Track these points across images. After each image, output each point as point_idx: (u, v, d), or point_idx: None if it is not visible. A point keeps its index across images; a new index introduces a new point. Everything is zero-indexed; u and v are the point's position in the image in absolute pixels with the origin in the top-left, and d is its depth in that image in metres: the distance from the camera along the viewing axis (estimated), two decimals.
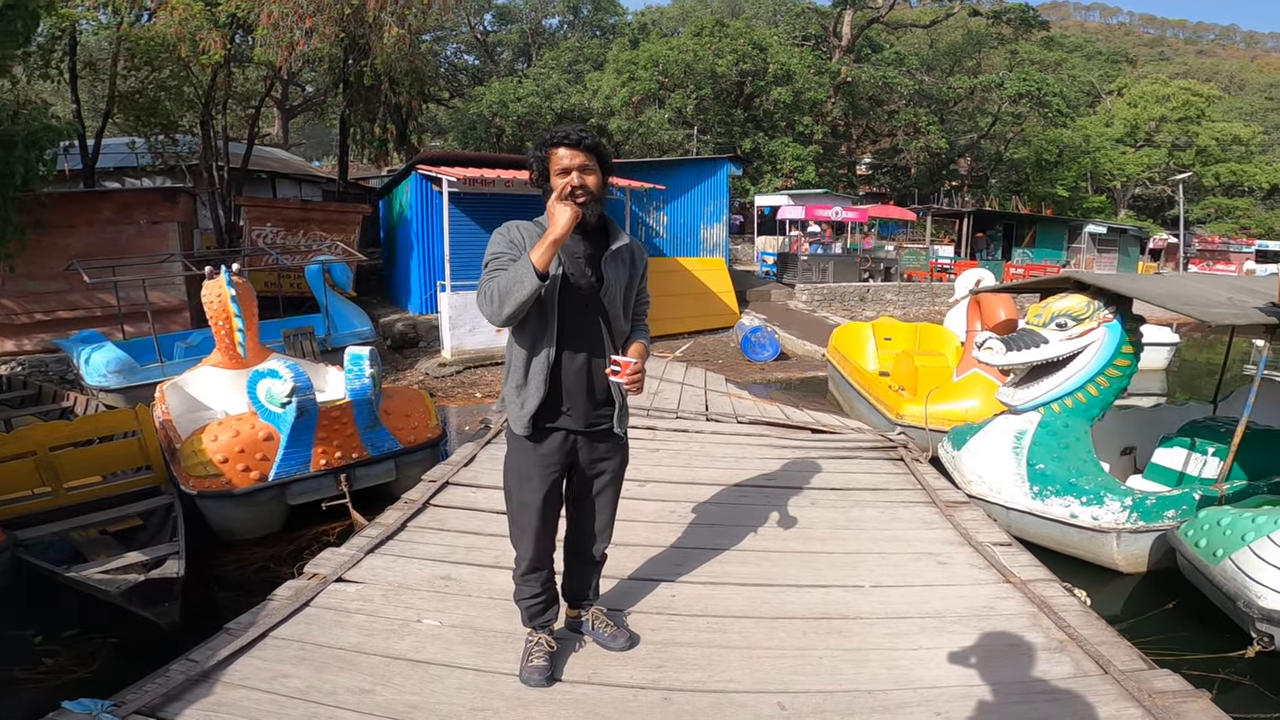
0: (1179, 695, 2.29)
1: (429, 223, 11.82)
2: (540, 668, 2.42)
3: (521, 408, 2.30)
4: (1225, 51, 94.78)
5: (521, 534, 2.43)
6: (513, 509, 2.45)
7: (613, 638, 2.64)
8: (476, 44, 35.95)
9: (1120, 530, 4.15)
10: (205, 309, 5.62)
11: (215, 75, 12.01)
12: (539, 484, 2.36)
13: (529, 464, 2.36)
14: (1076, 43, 49.52)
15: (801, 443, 5.53)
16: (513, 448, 2.42)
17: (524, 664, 2.45)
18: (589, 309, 2.31)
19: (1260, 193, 37.66)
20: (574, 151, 2.20)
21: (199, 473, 4.44)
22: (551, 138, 2.23)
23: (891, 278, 18.78)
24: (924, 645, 2.65)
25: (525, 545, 2.43)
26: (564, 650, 2.58)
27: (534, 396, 2.27)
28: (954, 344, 7.94)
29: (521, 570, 2.47)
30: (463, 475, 4.43)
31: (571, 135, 2.21)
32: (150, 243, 10.13)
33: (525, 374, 2.29)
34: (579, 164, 2.20)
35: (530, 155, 2.30)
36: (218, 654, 2.49)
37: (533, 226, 2.29)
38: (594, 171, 2.23)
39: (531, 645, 2.47)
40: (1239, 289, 4.77)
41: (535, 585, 2.48)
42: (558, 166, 2.20)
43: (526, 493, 2.37)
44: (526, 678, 2.41)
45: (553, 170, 2.22)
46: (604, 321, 2.34)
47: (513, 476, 2.43)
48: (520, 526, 2.43)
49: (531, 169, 2.30)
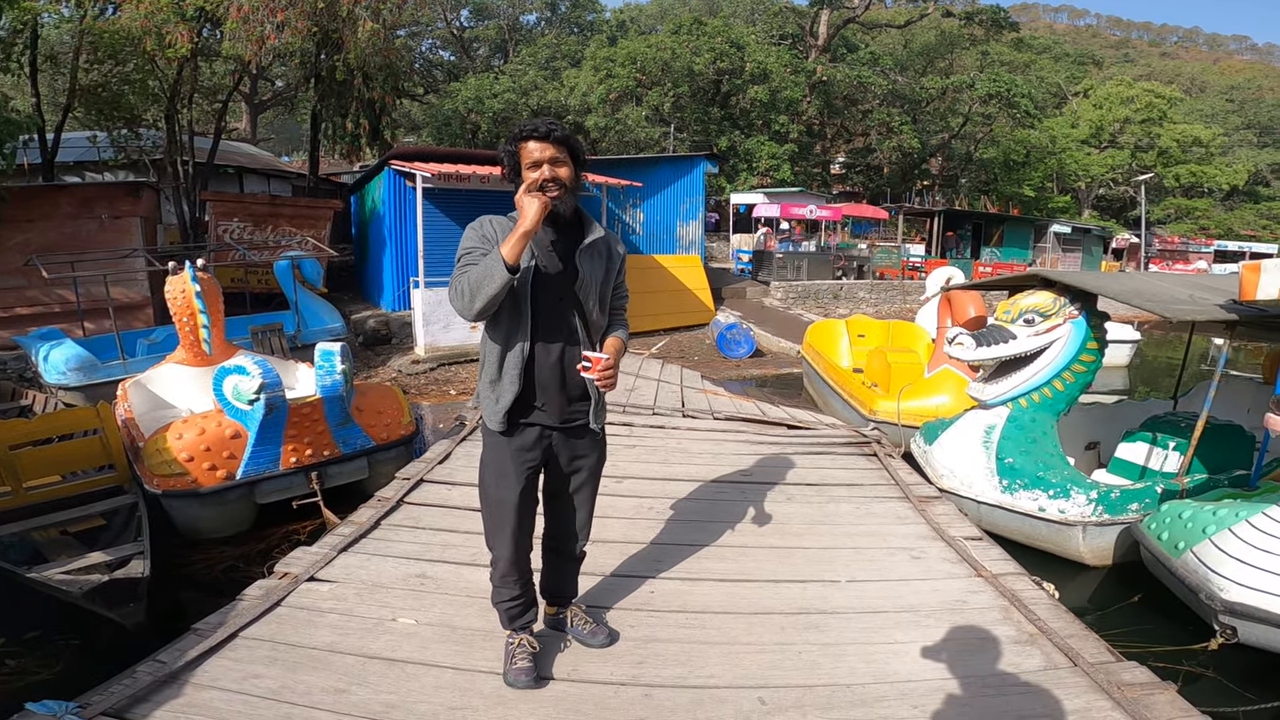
0: (1146, 687, 2.34)
1: (402, 219, 11.68)
2: (525, 669, 2.38)
3: (496, 402, 2.27)
4: (1188, 53, 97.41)
5: (498, 532, 2.39)
6: (489, 507, 2.41)
7: (592, 635, 2.62)
8: (453, 40, 35.55)
9: (1086, 523, 4.25)
10: (169, 305, 5.49)
11: (181, 69, 11.74)
12: (515, 480, 2.32)
13: (505, 460, 2.33)
14: (1045, 44, 50.53)
15: (777, 439, 5.57)
16: (488, 444, 2.38)
17: (508, 667, 2.40)
18: (564, 302, 2.27)
19: (1219, 194, 38.82)
20: (544, 144, 2.17)
21: (163, 471, 4.33)
22: (521, 131, 2.19)
23: (864, 276, 19.02)
24: (899, 639, 2.68)
25: (503, 545, 2.39)
26: (543, 648, 2.56)
27: (509, 391, 2.25)
28: (926, 340, 8.06)
29: (500, 571, 2.42)
30: (438, 472, 4.38)
31: (541, 127, 2.17)
32: (112, 238, 9.87)
33: (499, 369, 2.27)
34: (549, 156, 2.17)
35: (501, 149, 2.27)
36: (186, 655, 2.43)
37: (506, 221, 2.26)
38: (565, 164, 2.21)
39: (513, 647, 2.42)
40: (1200, 286, 4.90)
41: (514, 587, 2.43)
42: (528, 160, 2.18)
43: (503, 489, 2.33)
44: (513, 680, 2.36)
45: (524, 164, 2.19)
46: (579, 315, 2.31)
47: (489, 473, 2.39)
48: (497, 525, 2.38)
49: (503, 164, 2.26)
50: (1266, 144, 45.47)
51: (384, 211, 11.96)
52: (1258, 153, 43.48)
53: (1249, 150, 43.39)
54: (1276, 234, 37.39)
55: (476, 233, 2.26)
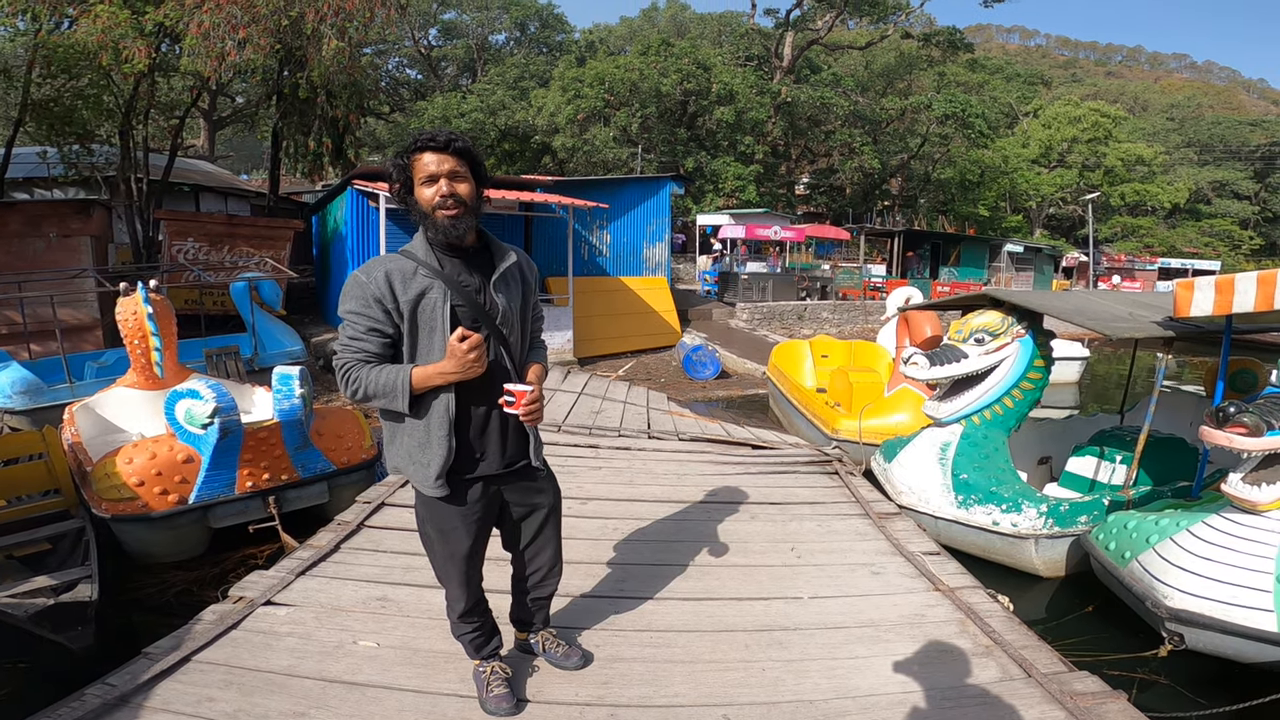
0: (1098, 696, 2.42)
1: (365, 240, 11.55)
2: (503, 695, 2.30)
3: (427, 468, 2.02)
4: (1131, 73, 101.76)
5: (449, 580, 2.25)
6: (438, 560, 2.25)
7: (565, 657, 2.58)
8: (420, 59, 35.53)
9: (1038, 536, 4.37)
10: (120, 327, 5.36)
11: (138, 84, 11.50)
12: (464, 535, 2.14)
13: (449, 518, 2.12)
14: (998, 64, 52.28)
15: (742, 459, 5.63)
16: (426, 501, 2.14)
17: (485, 695, 2.32)
18: (490, 343, 2.03)
19: (1162, 212, 40.39)
20: (442, 156, 1.90)
21: (112, 496, 4.22)
22: (416, 141, 1.93)
23: (827, 296, 19.37)
24: (860, 654, 2.73)
25: (456, 589, 2.25)
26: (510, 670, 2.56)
27: (439, 455, 2.00)
28: (886, 360, 8.24)
29: (457, 611, 2.29)
30: (399, 496, 4.34)
31: (439, 137, 1.91)
32: (60, 257, 9.58)
33: (426, 432, 2.01)
34: (448, 170, 1.91)
35: (390, 163, 1.98)
36: (137, 678, 2.39)
37: (403, 264, 1.96)
38: (466, 179, 1.95)
39: (486, 675, 2.35)
40: (1139, 304, 5.12)
41: (474, 620, 2.34)
42: (423, 174, 1.91)
43: (452, 545, 2.15)
44: (494, 709, 2.28)
45: (417, 178, 1.93)
46: (505, 350, 2.08)
47: (431, 529, 2.18)
48: (448, 575, 2.24)
49: (392, 178, 1.97)
50: (1206, 161, 47.44)
51: (346, 232, 11.82)
52: (1198, 170, 45.31)
53: (1190, 168, 45.18)
54: (1218, 251, 39.07)
55: (362, 291, 1.93)
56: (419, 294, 1.95)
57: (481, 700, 2.34)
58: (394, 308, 1.94)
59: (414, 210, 1.98)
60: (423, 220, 1.98)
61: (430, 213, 1.94)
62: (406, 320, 1.96)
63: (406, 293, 1.94)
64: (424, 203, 1.94)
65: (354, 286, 1.96)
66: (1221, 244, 40.83)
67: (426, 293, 1.95)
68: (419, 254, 1.99)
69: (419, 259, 1.98)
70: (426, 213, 1.95)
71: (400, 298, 1.94)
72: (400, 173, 1.95)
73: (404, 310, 1.95)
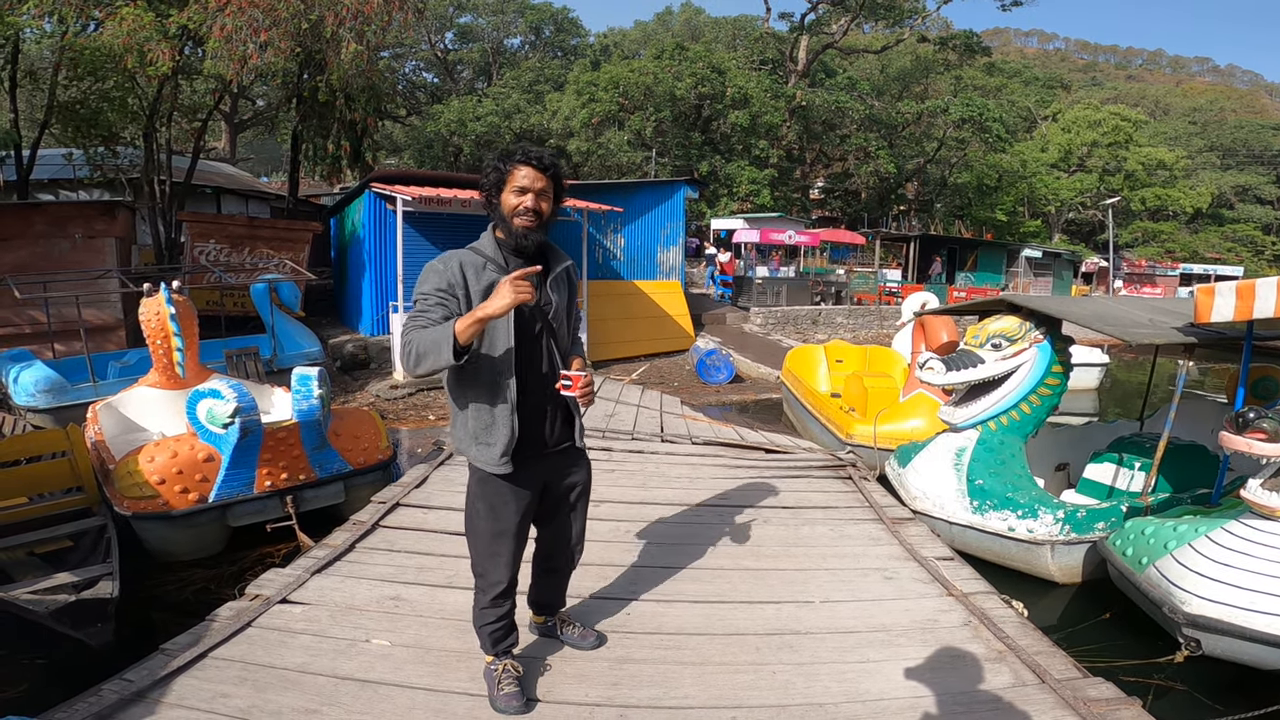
0: (1112, 703, 2.39)
1: (382, 242, 11.65)
2: (514, 694, 2.36)
3: (491, 448, 2.22)
4: (1152, 76, 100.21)
5: (494, 559, 2.35)
6: (481, 539, 2.36)
7: (582, 638, 2.70)
8: (436, 62, 35.83)
9: (1054, 542, 4.33)
10: (143, 327, 5.46)
11: (162, 87, 11.68)
12: (514, 511, 2.31)
13: (502, 495, 2.29)
14: (1016, 68, 51.82)
15: (755, 463, 5.62)
16: (481, 478, 2.32)
17: (495, 693, 2.36)
18: (540, 333, 2.27)
19: (1184, 216, 39.79)
20: (538, 174, 2.16)
21: (134, 494, 4.29)
22: (519, 153, 2.17)
23: (842, 301, 19.27)
24: (872, 658, 2.72)
25: (499, 570, 2.35)
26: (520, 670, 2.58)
27: (503, 435, 2.20)
28: (902, 365, 8.19)
29: (492, 595, 2.37)
30: (414, 497, 4.38)
31: (544, 158, 2.17)
32: (85, 258, 9.73)
33: (491, 413, 2.22)
34: (539, 187, 2.16)
35: (489, 165, 2.22)
36: (154, 674, 2.43)
37: (474, 258, 2.20)
38: (549, 198, 2.20)
39: (498, 673, 2.39)
40: (1159, 310, 5.06)
41: (503, 607, 2.41)
42: (517, 184, 2.15)
43: (502, 521, 2.31)
44: (503, 706, 2.33)
45: (510, 186, 2.16)
46: (554, 342, 2.32)
47: (483, 506, 2.33)
48: (494, 553, 2.35)
49: (485, 179, 2.21)
50: (1229, 166, 46.73)
51: (364, 235, 11.93)
52: (1220, 175, 44.64)
53: (1212, 173, 44.53)
54: (1241, 256, 38.42)
55: (440, 276, 2.16)
56: (488, 286, 2.14)
57: (491, 698, 2.37)
58: (464, 295, 2.14)
59: (494, 210, 2.21)
60: (501, 222, 2.22)
61: (510, 217, 2.18)
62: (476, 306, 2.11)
63: (478, 283, 2.15)
64: (507, 208, 2.17)
65: (431, 273, 2.17)
66: (1244, 249, 40.13)
67: (494, 285, 2.11)
68: (487, 251, 2.22)
69: (488, 255, 2.21)
70: (506, 216, 2.18)
71: (472, 287, 2.15)
72: (496, 175, 2.18)
73: (473, 298, 2.14)
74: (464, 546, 3.64)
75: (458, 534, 3.82)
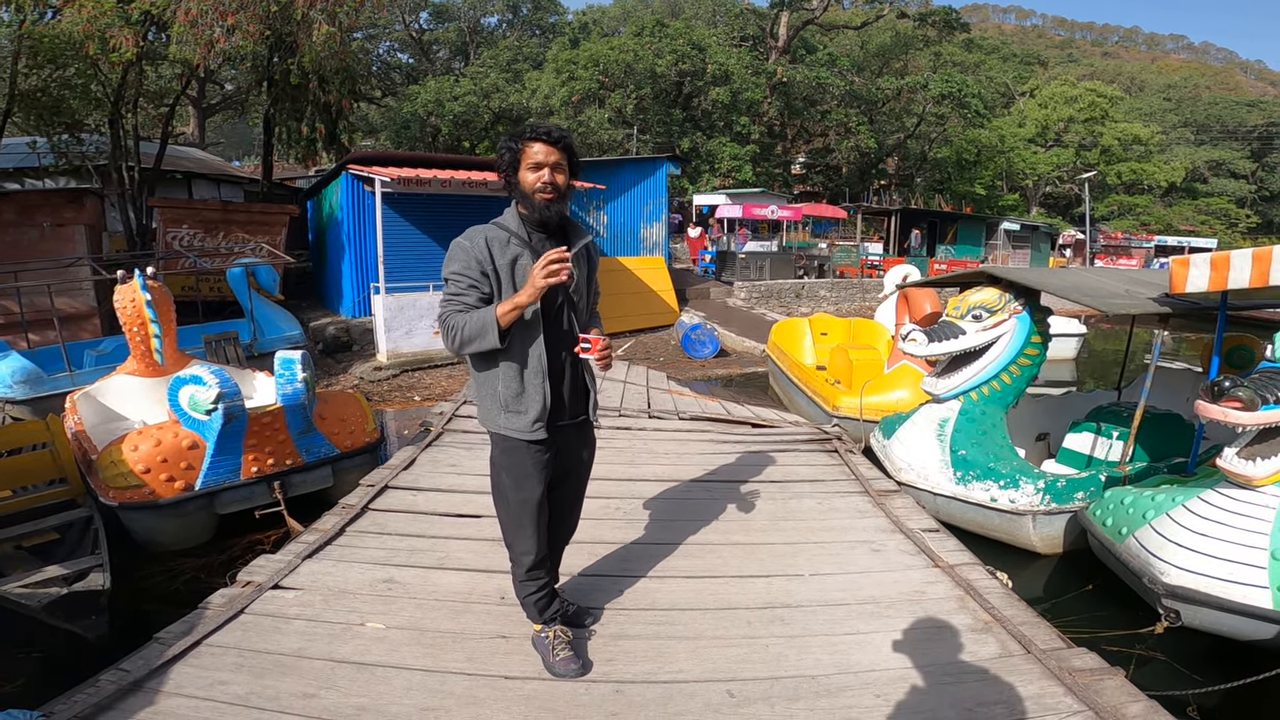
0: (1096, 673, 2.45)
1: (361, 224, 11.50)
2: (570, 658, 2.44)
3: (523, 415, 2.30)
4: (1128, 53, 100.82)
5: (521, 530, 2.42)
6: (510, 510, 2.43)
7: (578, 615, 2.75)
8: (412, 42, 35.08)
9: (1035, 512, 4.41)
10: (118, 315, 5.36)
11: (126, 73, 11.36)
12: (538, 481, 2.37)
13: (527, 464, 2.36)
14: (994, 44, 51.87)
15: (742, 437, 5.66)
16: (506, 449, 2.39)
17: (551, 660, 2.45)
18: (562, 306, 2.35)
19: (1158, 190, 40.35)
20: (550, 148, 2.22)
21: (119, 484, 4.24)
22: (530, 131, 2.24)
23: (825, 275, 19.35)
24: (861, 630, 2.77)
25: (527, 541, 2.42)
26: (512, 648, 2.59)
27: (536, 402, 2.28)
28: (885, 337, 8.26)
29: (526, 566, 2.45)
30: (403, 479, 4.36)
31: (553, 132, 2.24)
32: (55, 246, 9.55)
33: (520, 382, 2.29)
34: (553, 161, 2.22)
35: (503, 145, 2.28)
36: (150, 663, 2.42)
37: (498, 234, 2.26)
38: (564, 170, 2.27)
39: (549, 639, 2.48)
40: (1135, 281, 5.13)
41: (541, 578, 2.49)
42: (531, 160, 2.21)
43: (526, 491, 2.38)
44: (561, 671, 2.42)
45: (524, 163, 2.23)
46: (574, 314, 2.39)
47: (508, 478, 2.40)
48: (520, 524, 2.42)
49: (501, 158, 2.27)
50: (1203, 141, 47.42)
51: (342, 217, 11.76)
52: (1194, 150, 45.32)
53: (1186, 148, 45.19)
54: (1214, 229, 39.03)
55: (467, 255, 2.23)
56: (513, 259, 2.24)
57: (549, 664, 2.45)
58: (491, 270, 2.22)
59: (514, 189, 2.27)
60: (522, 199, 2.28)
61: (531, 194, 2.24)
62: (502, 281, 2.23)
63: (503, 257, 2.23)
64: (526, 185, 2.23)
65: (458, 250, 2.24)
66: (1218, 222, 40.81)
67: (519, 259, 2.24)
68: (511, 226, 2.29)
69: (511, 230, 2.27)
70: (527, 193, 2.24)
71: (497, 261, 2.22)
72: (510, 154, 2.24)
73: (500, 272, 2.23)
74: (455, 528, 3.71)
75: (448, 515, 3.86)
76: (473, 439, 5.37)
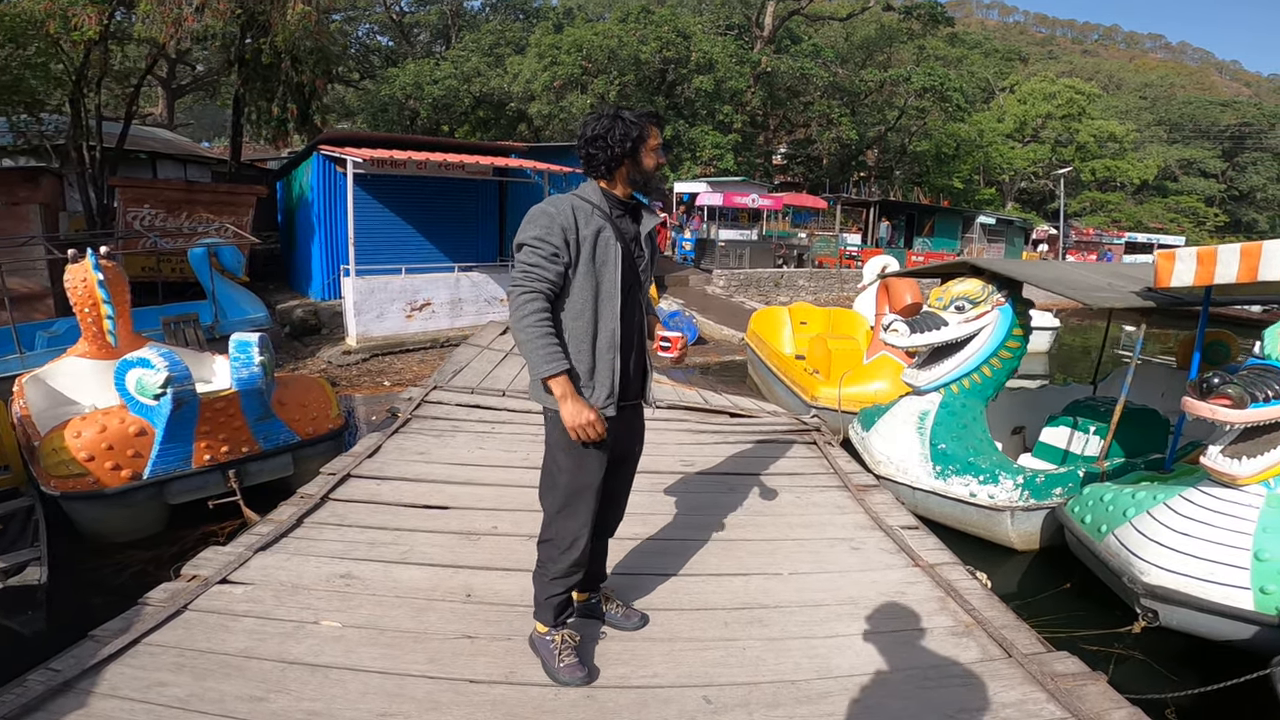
0: (1078, 678, 2.39)
1: (332, 205, 11.21)
2: (575, 665, 2.33)
3: (595, 392, 2.21)
4: (1107, 51, 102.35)
5: (573, 517, 2.27)
6: (563, 494, 2.27)
7: (626, 618, 2.63)
8: (392, 25, 34.25)
9: (1014, 508, 4.36)
10: (69, 295, 5.10)
11: (89, 52, 10.94)
12: (598, 464, 2.25)
13: (588, 445, 2.21)
14: (976, 39, 52.13)
15: (720, 427, 5.56)
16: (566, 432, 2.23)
17: (555, 665, 2.33)
18: (634, 285, 2.29)
19: (1130, 188, 41.03)
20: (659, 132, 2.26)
21: (61, 472, 4.01)
22: (654, 115, 2.25)
23: (804, 264, 19.34)
24: (841, 632, 2.67)
25: (577, 528, 2.27)
26: (476, 648, 2.46)
27: (607, 378, 2.21)
28: (865, 327, 8.21)
29: (571, 558, 2.27)
30: (366, 467, 4.20)
31: (663, 119, 2.30)
32: (8, 225, 9.21)
33: (593, 357, 2.21)
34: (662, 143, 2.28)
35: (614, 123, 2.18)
36: (83, 663, 2.27)
37: (584, 205, 2.20)
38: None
39: (556, 643, 2.35)
40: (1118, 275, 5.09)
41: (579, 573, 2.35)
42: (655, 144, 2.23)
43: (586, 474, 2.25)
44: (567, 679, 2.30)
45: (650, 146, 2.22)
46: (640, 294, 2.34)
47: (569, 459, 2.24)
48: (573, 512, 2.27)
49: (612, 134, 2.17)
50: (1175, 140, 48.25)
51: (313, 198, 11.45)
52: (1167, 148, 46.09)
53: (1159, 146, 45.94)
54: (1183, 227, 39.80)
55: (553, 220, 2.13)
56: (597, 230, 2.19)
57: (553, 670, 2.33)
58: (574, 239, 2.15)
59: (633, 167, 2.23)
60: (645, 179, 2.28)
61: (652, 175, 2.28)
62: (583, 252, 2.16)
63: (588, 227, 2.17)
64: (649, 166, 2.25)
65: (541, 216, 2.15)
66: (1186, 220, 41.64)
67: (602, 230, 2.19)
68: (594, 200, 2.24)
69: (595, 203, 2.23)
70: (649, 174, 2.27)
71: (581, 231, 2.16)
72: (634, 135, 2.18)
73: (583, 243, 2.16)
74: (419, 520, 3.56)
75: (412, 506, 3.71)
76: (442, 426, 5.20)
